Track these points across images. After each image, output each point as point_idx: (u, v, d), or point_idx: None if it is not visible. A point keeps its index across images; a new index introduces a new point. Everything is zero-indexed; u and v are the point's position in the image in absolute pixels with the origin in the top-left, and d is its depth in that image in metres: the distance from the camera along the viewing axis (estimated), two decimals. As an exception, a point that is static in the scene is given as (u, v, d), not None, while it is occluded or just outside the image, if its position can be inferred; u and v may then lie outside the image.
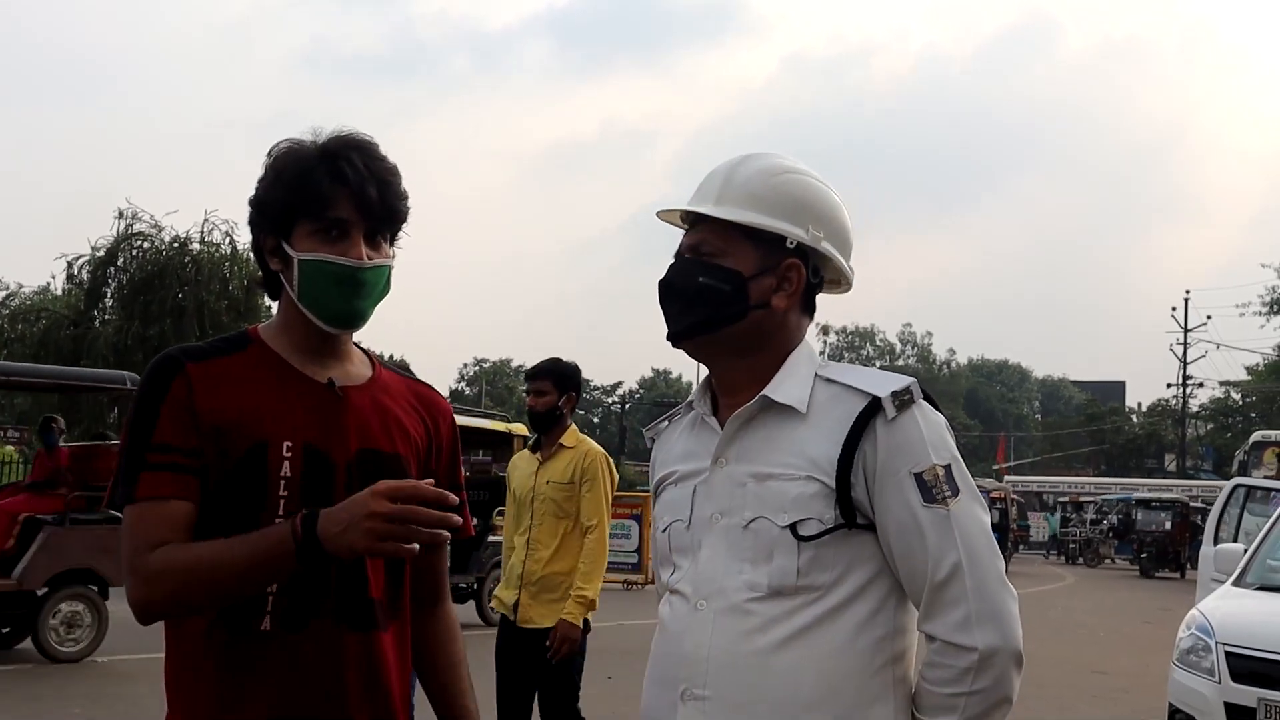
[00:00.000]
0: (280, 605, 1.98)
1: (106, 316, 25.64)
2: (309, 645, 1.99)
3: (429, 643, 2.23)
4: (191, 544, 1.92)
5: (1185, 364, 55.77)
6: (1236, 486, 8.42)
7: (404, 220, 2.11)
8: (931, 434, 1.92)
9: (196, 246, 25.14)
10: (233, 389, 2.00)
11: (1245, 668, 6.38)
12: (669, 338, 2.06)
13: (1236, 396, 61.05)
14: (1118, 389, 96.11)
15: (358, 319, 2.07)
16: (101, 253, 25.18)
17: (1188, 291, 56.96)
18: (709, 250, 2.01)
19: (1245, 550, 7.95)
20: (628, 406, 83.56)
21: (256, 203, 2.08)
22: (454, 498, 1.87)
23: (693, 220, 2.07)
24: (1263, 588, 7.41)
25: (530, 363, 5.62)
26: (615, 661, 10.45)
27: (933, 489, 1.89)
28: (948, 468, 1.90)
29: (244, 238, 25.59)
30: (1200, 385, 58.47)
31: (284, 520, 1.90)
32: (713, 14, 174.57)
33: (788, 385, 1.98)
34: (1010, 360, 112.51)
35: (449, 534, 1.92)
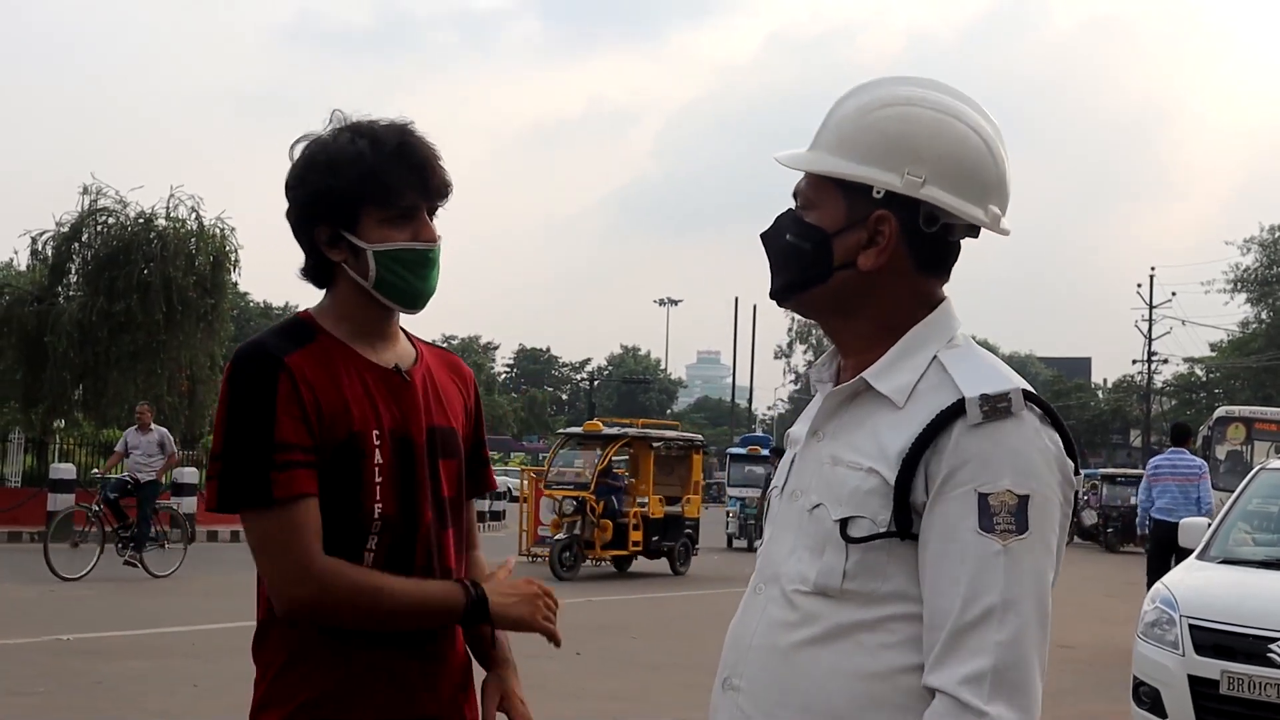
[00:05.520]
0: None
1: (71, 293, 25.27)
2: None
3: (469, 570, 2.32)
4: (367, 569, 2.03)
5: (1150, 340, 56.18)
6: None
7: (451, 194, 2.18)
8: (1021, 453, 1.60)
9: (162, 222, 24.81)
10: (325, 381, 2.04)
11: (1208, 640, 6.45)
12: (770, 295, 1.87)
13: (1200, 373, 61.60)
14: (1084, 365, 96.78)
15: (429, 296, 2.15)
16: (66, 228, 24.87)
17: (1153, 268, 57.30)
18: (803, 202, 1.82)
19: (1209, 525, 8.03)
20: (596, 384, 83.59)
21: (308, 196, 2.08)
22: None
23: None
24: (1226, 561, 7.50)
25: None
26: (586, 638, 10.46)
27: (995, 516, 1.57)
28: (1024, 499, 1.58)
29: (210, 213, 25.49)
30: (1165, 361, 59.07)
31: (453, 582, 2.11)
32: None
33: (893, 370, 1.73)
34: (977, 336, 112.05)
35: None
